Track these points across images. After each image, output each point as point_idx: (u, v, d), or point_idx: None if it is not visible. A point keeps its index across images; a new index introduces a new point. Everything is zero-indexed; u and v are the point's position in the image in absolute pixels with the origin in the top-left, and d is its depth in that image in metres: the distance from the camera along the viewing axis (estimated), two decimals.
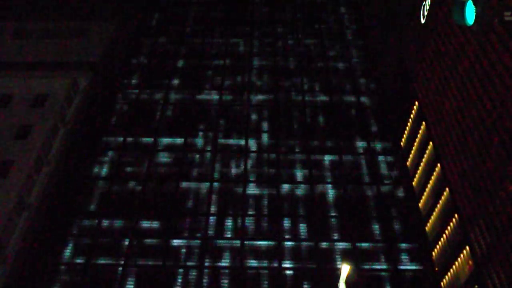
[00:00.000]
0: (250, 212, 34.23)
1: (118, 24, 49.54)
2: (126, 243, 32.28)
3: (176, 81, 44.42)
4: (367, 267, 31.29)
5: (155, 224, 33.31)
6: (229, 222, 33.65)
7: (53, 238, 32.60)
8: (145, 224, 33.30)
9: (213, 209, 34.36)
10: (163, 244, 32.27)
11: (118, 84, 44.05)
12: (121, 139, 38.93)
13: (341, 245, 32.43)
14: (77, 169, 37.27)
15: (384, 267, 31.35)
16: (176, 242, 32.45)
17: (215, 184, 35.97)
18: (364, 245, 32.43)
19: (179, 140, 39.00)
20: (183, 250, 32.07)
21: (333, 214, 34.21)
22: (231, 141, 39.12)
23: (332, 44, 48.85)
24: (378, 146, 38.79)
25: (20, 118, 37.50)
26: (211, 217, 33.79)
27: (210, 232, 32.99)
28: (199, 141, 39.05)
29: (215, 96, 42.95)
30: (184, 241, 32.46)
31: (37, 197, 33.55)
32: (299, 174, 36.80)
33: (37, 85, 40.09)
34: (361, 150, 38.41)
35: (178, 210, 34.14)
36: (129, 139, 39.03)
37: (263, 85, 44.32)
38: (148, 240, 32.49)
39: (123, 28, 50.13)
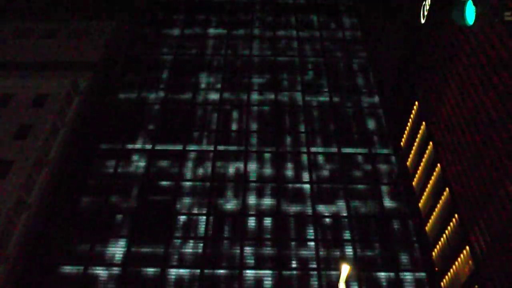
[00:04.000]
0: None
1: (118, 24, 49.52)
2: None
3: (174, 81, 44.48)
4: (366, 267, 31.31)
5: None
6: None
7: (53, 238, 32.62)
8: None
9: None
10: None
11: (117, 84, 44.07)
12: (119, 145, 38.53)
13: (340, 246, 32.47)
14: (76, 169, 37.24)
15: (384, 268, 31.37)
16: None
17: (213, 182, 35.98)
18: (364, 247, 32.47)
19: (177, 147, 38.55)
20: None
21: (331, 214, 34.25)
22: (229, 148, 38.68)
23: (332, 44, 48.87)
24: (378, 146, 38.81)
25: (20, 118, 37.49)
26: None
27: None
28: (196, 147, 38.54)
29: (213, 96, 42.99)
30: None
31: (37, 197, 33.53)
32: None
33: (37, 85, 40.08)
34: (362, 151, 38.45)
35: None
36: (128, 145, 38.60)
37: (262, 84, 44.37)
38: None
39: (123, 28, 50.12)
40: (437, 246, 30.84)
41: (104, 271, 30.86)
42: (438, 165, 31.51)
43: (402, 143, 38.76)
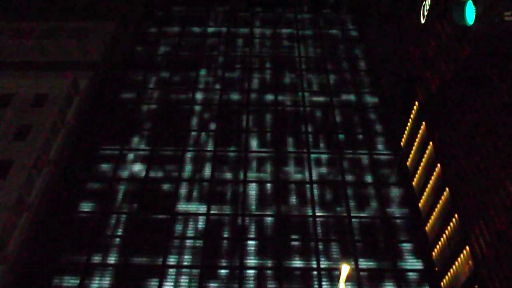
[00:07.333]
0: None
1: (118, 24, 49.51)
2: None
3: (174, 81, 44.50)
4: (367, 266, 31.31)
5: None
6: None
7: (53, 238, 32.61)
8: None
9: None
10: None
11: (117, 84, 44.10)
12: (118, 146, 38.35)
13: (341, 245, 32.48)
14: (76, 169, 37.22)
15: (385, 267, 31.37)
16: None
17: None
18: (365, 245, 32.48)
19: (176, 149, 38.32)
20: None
21: (332, 214, 34.25)
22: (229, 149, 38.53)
23: (332, 43, 48.89)
24: (378, 146, 38.84)
25: (20, 118, 37.47)
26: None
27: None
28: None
29: (213, 96, 43.02)
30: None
31: (37, 197, 33.52)
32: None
33: (37, 85, 40.04)
34: (362, 151, 38.49)
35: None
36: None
37: (263, 84, 44.36)
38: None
39: (123, 28, 50.13)
40: (437, 246, 30.84)
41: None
42: (438, 165, 31.52)
43: (402, 143, 38.77)
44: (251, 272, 31.01)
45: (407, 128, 37.96)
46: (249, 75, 45.13)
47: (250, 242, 32.49)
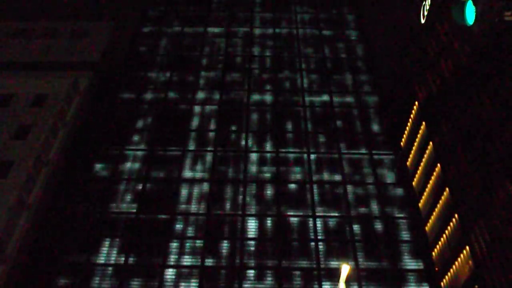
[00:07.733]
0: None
1: (118, 24, 49.53)
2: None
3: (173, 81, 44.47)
4: (367, 266, 31.29)
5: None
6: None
7: (53, 238, 32.60)
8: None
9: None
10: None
11: (117, 84, 44.07)
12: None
13: (342, 244, 32.46)
14: (76, 169, 37.20)
15: (385, 267, 31.35)
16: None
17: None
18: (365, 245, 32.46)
19: (176, 149, 38.42)
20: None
21: (333, 214, 34.25)
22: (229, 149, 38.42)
23: (332, 44, 48.86)
24: (378, 146, 38.81)
25: (20, 118, 37.48)
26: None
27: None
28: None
29: (213, 96, 43.01)
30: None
31: (37, 197, 33.52)
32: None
33: (37, 85, 40.07)
34: (362, 151, 38.46)
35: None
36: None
37: (262, 84, 44.34)
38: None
39: (123, 28, 50.12)
40: (437, 246, 30.83)
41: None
42: (438, 165, 31.52)
43: (402, 143, 38.77)
44: (251, 272, 31.03)
45: (407, 128, 37.96)
46: (249, 75, 45.14)
47: (250, 242, 32.51)
